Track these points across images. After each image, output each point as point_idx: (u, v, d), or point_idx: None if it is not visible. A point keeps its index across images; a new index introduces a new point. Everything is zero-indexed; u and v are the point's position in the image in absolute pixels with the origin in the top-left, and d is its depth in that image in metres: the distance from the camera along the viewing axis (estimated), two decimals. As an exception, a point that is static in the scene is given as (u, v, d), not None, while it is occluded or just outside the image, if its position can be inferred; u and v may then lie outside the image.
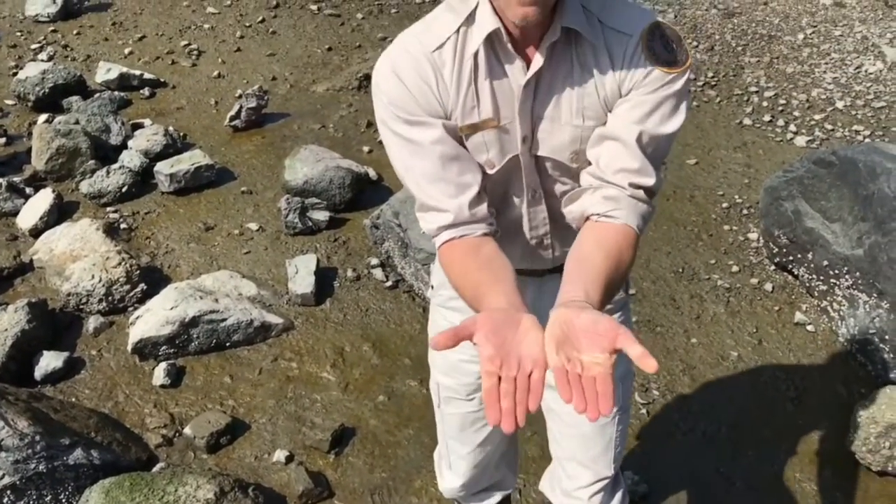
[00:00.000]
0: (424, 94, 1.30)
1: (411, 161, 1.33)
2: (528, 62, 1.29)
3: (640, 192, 1.31)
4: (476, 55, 1.29)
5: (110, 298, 3.14)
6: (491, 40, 1.28)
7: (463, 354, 1.68)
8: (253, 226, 3.65)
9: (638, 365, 0.96)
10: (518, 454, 2.08)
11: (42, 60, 5.06)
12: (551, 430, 1.80)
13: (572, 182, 1.41)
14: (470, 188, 1.32)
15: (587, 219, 1.33)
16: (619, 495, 1.83)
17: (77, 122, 4.07)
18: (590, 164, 1.35)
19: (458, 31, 1.30)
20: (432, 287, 1.72)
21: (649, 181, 1.31)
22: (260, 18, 5.67)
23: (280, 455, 2.60)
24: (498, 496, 1.99)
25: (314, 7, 5.85)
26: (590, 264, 1.21)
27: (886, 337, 2.81)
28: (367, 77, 4.85)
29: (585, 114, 1.33)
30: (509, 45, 1.28)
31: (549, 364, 1.01)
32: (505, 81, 1.31)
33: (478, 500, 1.97)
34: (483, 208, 1.34)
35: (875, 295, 2.85)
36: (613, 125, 1.31)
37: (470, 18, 1.29)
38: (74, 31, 5.49)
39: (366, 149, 4.26)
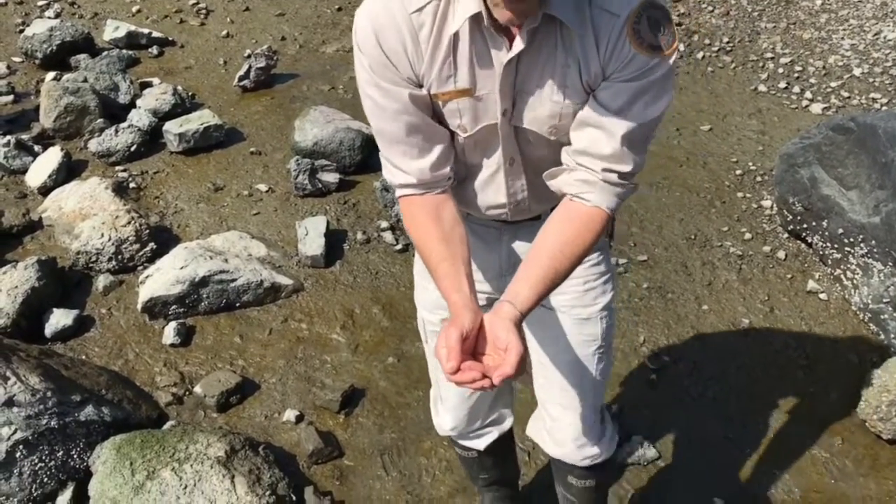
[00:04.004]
0: (399, 58, 1.31)
1: (378, 122, 1.39)
2: (510, 40, 1.28)
3: (614, 177, 1.34)
4: (457, 31, 1.29)
5: (120, 257, 3.13)
6: (474, 19, 1.27)
7: None
8: (262, 187, 3.63)
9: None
10: (513, 393, 2.05)
11: (49, 17, 5.01)
12: (535, 372, 1.81)
13: (551, 151, 1.43)
14: (432, 152, 1.40)
15: (563, 193, 1.41)
16: (608, 430, 1.85)
17: (85, 80, 4.03)
18: (570, 141, 1.38)
19: None
20: None
21: (625, 167, 1.34)
22: (269, -23, 5.60)
23: (290, 415, 2.60)
24: (495, 433, 1.96)
25: (324, -34, 5.77)
26: (540, 254, 1.34)
27: (900, 306, 2.79)
28: (378, 38, 4.79)
29: (566, 92, 1.33)
30: (492, 28, 1.27)
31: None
32: (485, 56, 1.31)
33: (474, 438, 1.96)
34: (445, 170, 1.42)
35: (890, 263, 2.82)
36: (594, 111, 1.31)
37: None
38: (82, -11, 5.43)
39: (376, 111, 4.21)
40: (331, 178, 3.59)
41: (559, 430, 1.79)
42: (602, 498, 2.04)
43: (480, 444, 1.97)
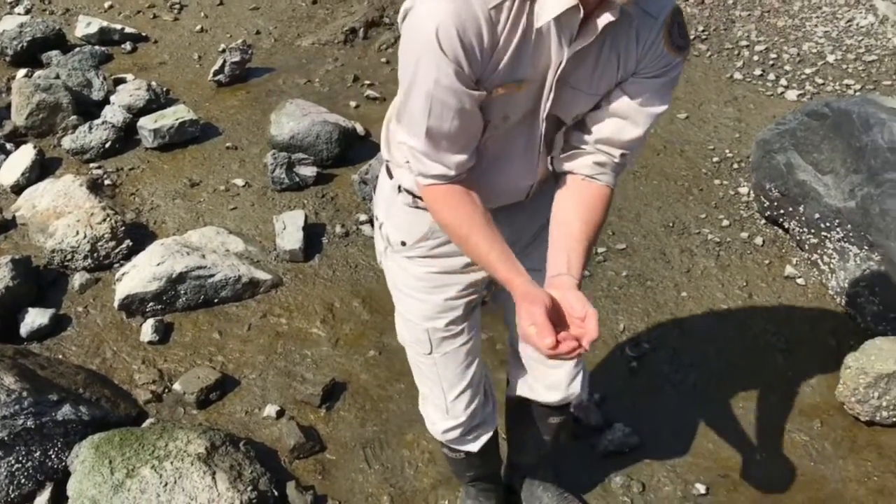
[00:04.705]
0: (475, 55, 1.30)
1: (434, 121, 1.36)
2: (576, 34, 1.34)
3: (625, 160, 1.51)
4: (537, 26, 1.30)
5: (95, 255, 3.09)
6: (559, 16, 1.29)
7: (451, 293, 1.71)
8: (239, 182, 3.60)
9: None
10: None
11: (19, 14, 4.94)
12: None
13: (559, 132, 1.54)
14: (470, 145, 1.42)
15: (569, 172, 1.53)
16: (584, 366, 1.97)
17: (57, 77, 3.98)
18: (582, 124, 1.50)
19: None
20: (403, 244, 1.70)
21: (638, 150, 1.52)
22: (243, -29, 5.54)
23: (271, 410, 2.58)
24: (490, 431, 1.99)
25: (298, -41, 5.72)
26: (570, 231, 1.46)
27: (876, 289, 2.81)
28: (353, 31, 4.78)
29: (601, 85, 1.43)
30: (578, 21, 1.30)
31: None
32: (546, 49, 1.34)
33: (471, 441, 1.97)
34: (474, 160, 1.45)
35: (866, 247, 2.84)
36: (622, 103, 1.44)
37: None
38: (52, -16, 5.35)
39: (353, 104, 4.20)
40: (308, 171, 3.56)
41: (556, 375, 1.88)
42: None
43: (476, 446, 1.98)
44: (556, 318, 1.31)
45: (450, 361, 1.81)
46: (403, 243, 1.70)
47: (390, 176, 1.69)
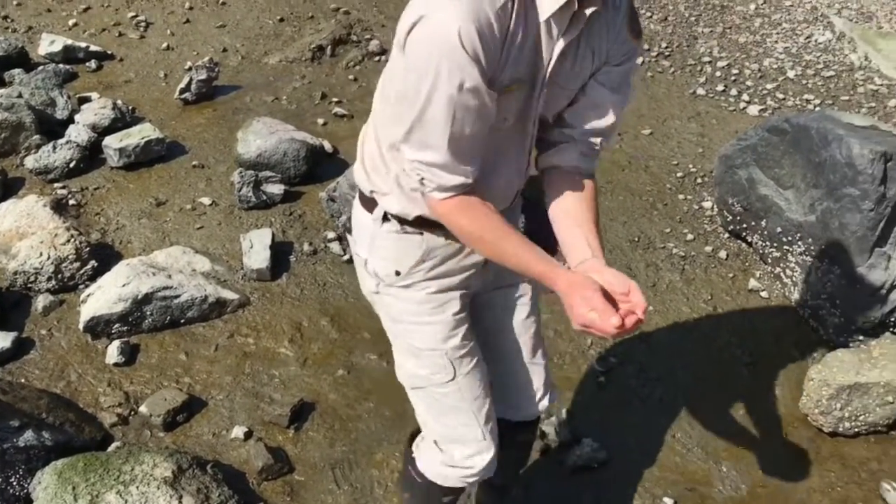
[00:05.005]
0: (493, 56, 1.31)
1: (459, 126, 1.34)
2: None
3: (601, 146, 1.58)
4: (540, 22, 1.34)
5: (60, 276, 3.06)
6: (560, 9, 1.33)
7: (455, 307, 1.69)
8: (206, 200, 3.58)
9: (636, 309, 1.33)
10: None
11: (-19, 32, 4.88)
12: (502, 352, 1.87)
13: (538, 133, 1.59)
14: (481, 152, 1.43)
15: (554, 167, 1.58)
16: (555, 388, 1.98)
17: (20, 96, 3.93)
18: (560, 119, 1.55)
19: None
20: (397, 273, 1.65)
21: (615, 134, 1.63)
22: (209, -11, 5.53)
23: (238, 431, 2.56)
24: (495, 449, 1.86)
25: (265, -23, 5.72)
26: (579, 219, 1.52)
27: (837, 301, 2.86)
28: (321, 48, 4.78)
29: (577, 80, 1.49)
30: (571, 15, 1.34)
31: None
32: (538, 48, 1.38)
33: (493, 467, 1.84)
34: (479, 166, 1.45)
35: (827, 260, 2.90)
36: (597, 93, 1.51)
37: None
38: (14, 2, 5.30)
39: (320, 121, 4.20)
40: (275, 189, 3.55)
41: (532, 389, 1.89)
42: None
43: (493, 470, 1.86)
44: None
45: (473, 380, 1.74)
46: (398, 273, 1.65)
47: (369, 209, 1.64)
